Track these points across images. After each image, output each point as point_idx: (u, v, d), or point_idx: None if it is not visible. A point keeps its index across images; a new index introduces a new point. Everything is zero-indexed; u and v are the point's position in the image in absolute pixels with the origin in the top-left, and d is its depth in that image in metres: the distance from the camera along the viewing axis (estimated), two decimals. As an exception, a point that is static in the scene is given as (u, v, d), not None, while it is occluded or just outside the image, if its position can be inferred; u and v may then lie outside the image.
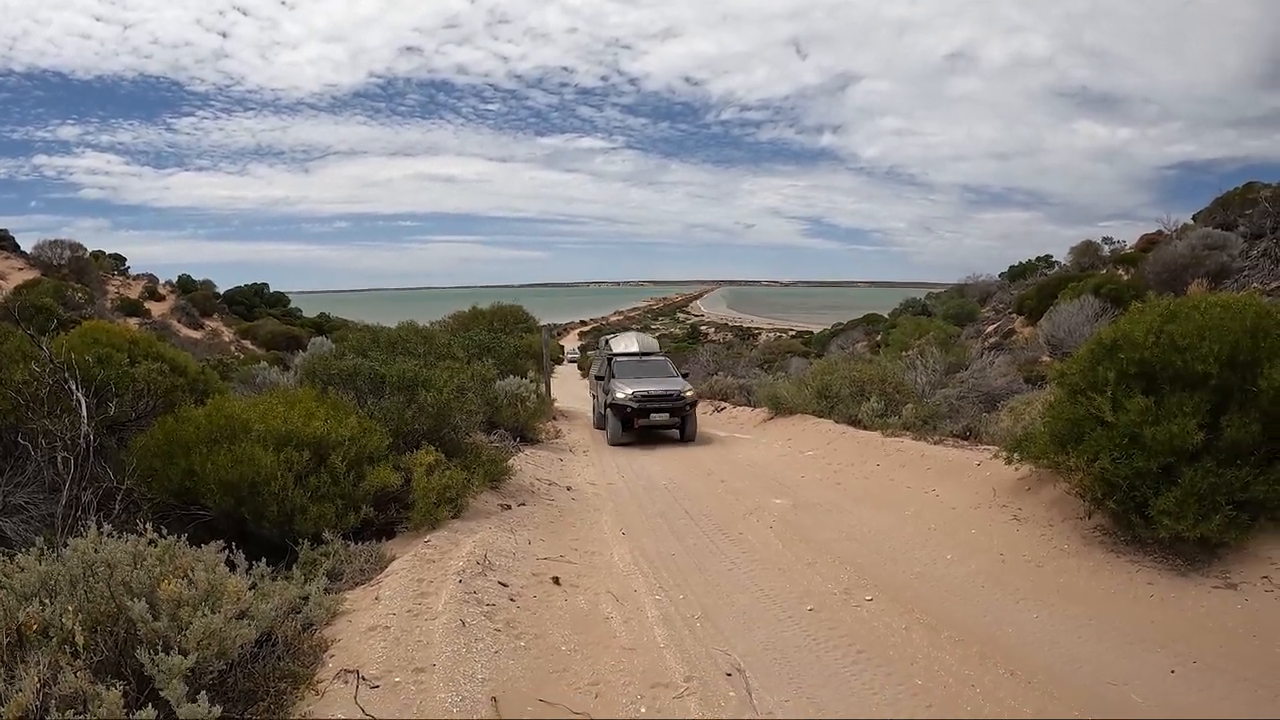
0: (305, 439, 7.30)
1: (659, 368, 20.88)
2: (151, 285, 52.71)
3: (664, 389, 18.62)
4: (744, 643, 5.65)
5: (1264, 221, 25.13)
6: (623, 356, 21.50)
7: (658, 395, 18.35)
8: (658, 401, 18.29)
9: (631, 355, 21.81)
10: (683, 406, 18.45)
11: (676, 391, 18.67)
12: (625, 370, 20.07)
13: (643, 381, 19.07)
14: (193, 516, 6.91)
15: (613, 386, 19.05)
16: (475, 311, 36.35)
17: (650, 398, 18.28)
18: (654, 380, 19.36)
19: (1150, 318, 7.18)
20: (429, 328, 21.62)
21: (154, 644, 3.77)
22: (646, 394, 18.29)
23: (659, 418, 18.29)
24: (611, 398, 18.76)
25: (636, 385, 18.68)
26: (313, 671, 4.50)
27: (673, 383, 19.42)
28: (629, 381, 19.03)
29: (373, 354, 12.29)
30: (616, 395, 18.51)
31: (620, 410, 18.38)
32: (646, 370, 20.28)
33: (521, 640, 5.46)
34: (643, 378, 19.45)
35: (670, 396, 18.42)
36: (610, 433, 18.67)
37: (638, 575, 7.28)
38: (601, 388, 20.60)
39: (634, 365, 20.60)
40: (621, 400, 18.36)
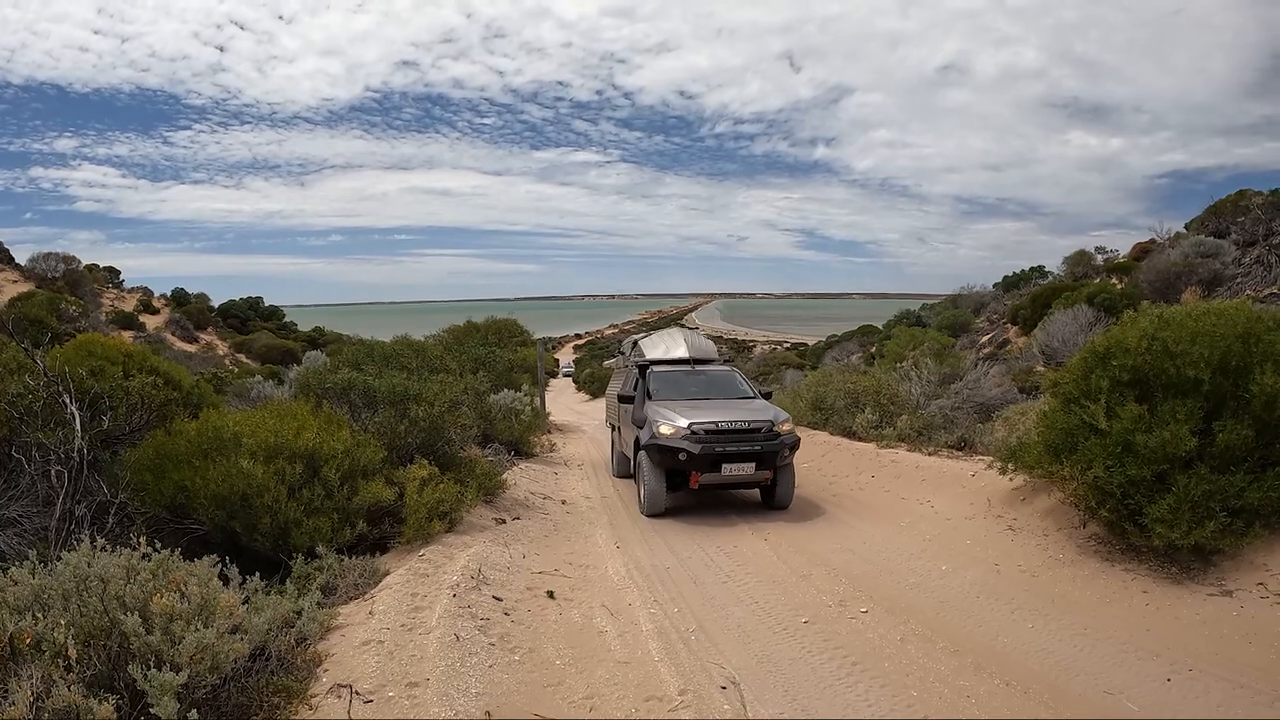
0: (297, 451, 7.29)
1: (724, 382, 13.03)
2: (146, 298, 52.50)
3: (741, 418, 10.90)
4: (739, 655, 5.64)
5: (1256, 229, 25.19)
6: (665, 366, 13.42)
7: (734, 429, 10.66)
8: (735, 440, 10.57)
9: (677, 364, 13.69)
10: (776, 449, 10.59)
11: (764, 423, 10.81)
12: (670, 387, 12.52)
13: (703, 406, 11.49)
14: (186, 531, 6.90)
15: (651, 414, 11.24)
16: (470, 325, 36.31)
17: (721, 434, 10.61)
18: (721, 405, 11.73)
19: (1143, 325, 7.20)
20: (423, 341, 21.28)
21: (147, 658, 3.77)
22: (714, 427, 10.62)
23: (738, 471, 10.55)
24: (650, 434, 10.91)
25: (695, 413, 10.96)
26: (306, 686, 4.49)
27: (753, 408, 11.53)
28: (680, 407, 11.35)
29: (366, 368, 12.29)
30: (660, 429, 10.76)
31: (665, 455, 10.62)
32: (704, 387, 12.72)
33: (516, 654, 5.45)
34: (701, 400, 11.99)
35: (755, 431, 10.68)
36: (646, 496, 10.94)
37: (632, 589, 7.26)
38: (629, 416, 12.77)
39: (683, 380, 12.86)
40: (669, 439, 10.63)
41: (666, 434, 10.69)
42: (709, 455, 10.42)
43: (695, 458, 10.42)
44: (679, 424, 10.71)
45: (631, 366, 14.51)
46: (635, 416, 12.11)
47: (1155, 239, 30.36)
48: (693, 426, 10.59)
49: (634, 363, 14.41)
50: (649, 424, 11.17)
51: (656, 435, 10.77)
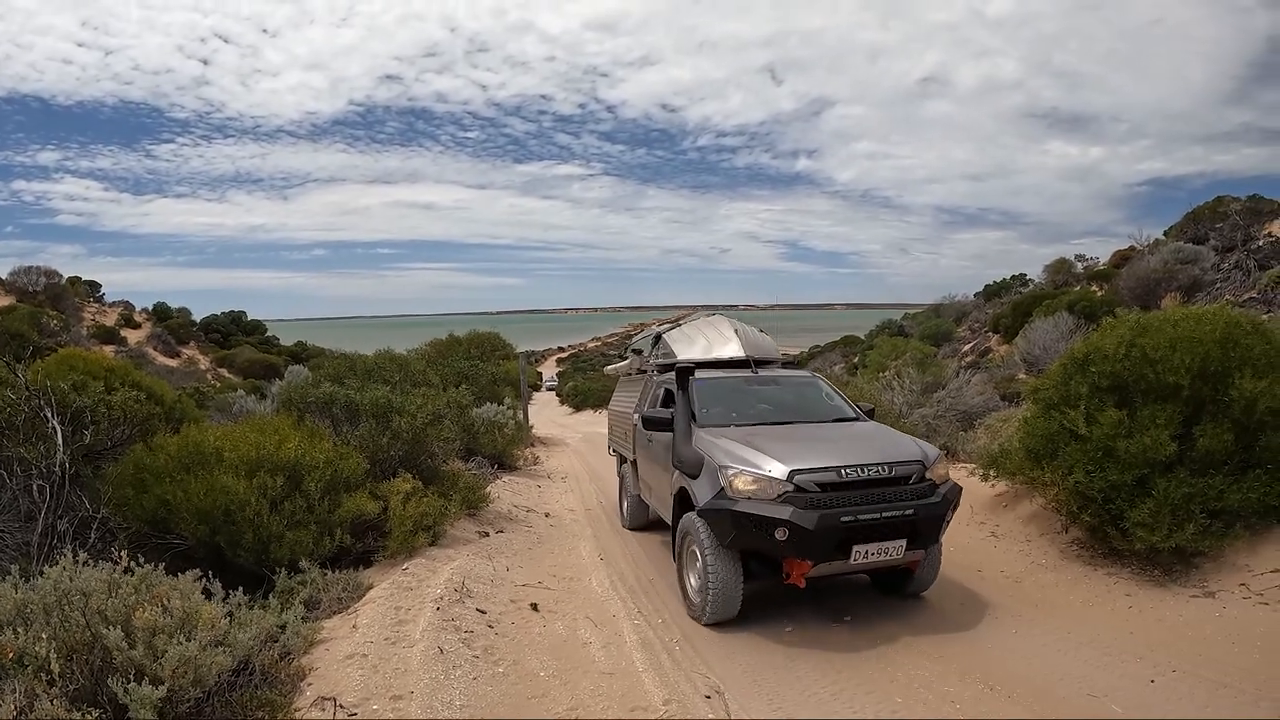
0: (278, 463, 7.27)
1: (806, 396, 8.64)
2: (128, 313, 52.32)
3: (873, 458, 6.38)
4: (723, 665, 5.66)
5: (1235, 235, 25.49)
6: (711, 372, 8.81)
7: (868, 479, 6.20)
8: (872, 499, 6.14)
9: (730, 367, 9.12)
10: (940, 513, 6.35)
11: (911, 466, 6.45)
12: (727, 404, 8.13)
13: (795, 438, 7.15)
14: (169, 546, 6.87)
15: (713, 454, 6.78)
16: (452, 339, 36.26)
17: (848, 489, 6.14)
18: (817, 434, 7.44)
19: (1122, 331, 7.27)
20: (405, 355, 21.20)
21: (129, 672, 3.76)
22: (836, 478, 6.14)
23: (878, 554, 6.15)
24: (714, 489, 6.49)
25: (790, 450, 6.54)
26: (290, 700, 4.48)
27: (876, 438, 7.21)
28: (760, 438, 6.98)
29: (348, 382, 12.26)
30: (736, 481, 6.30)
31: (748, 530, 6.13)
32: (779, 403, 8.37)
33: (500, 667, 5.45)
34: (780, 425, 7.69)
35: (901, 481, 6.32)
36: (710, 595, 6.44)
37: (616, 600, 7.26)
38: (657, 449, 8.54)
39: (745, 392, 8.50)
40: (755, 501, 6.14)
41: (748, 490, 6.09)
42: (833, 531, 5.83)
43: (809, 538, 5.80)
44: (770, 471, 6.09)
45: (652, 372, 9.96)
46: (679, 454, 7.21)
47: (1135, 246, 30.60)
48: (796, 476, 5.99)
49: (656, 365, 9.96)
50: (709, 469, 6.55)
51: (730, 493, 6.14)
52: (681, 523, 7.07)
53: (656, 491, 8.85)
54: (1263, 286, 19.45)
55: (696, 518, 6.63)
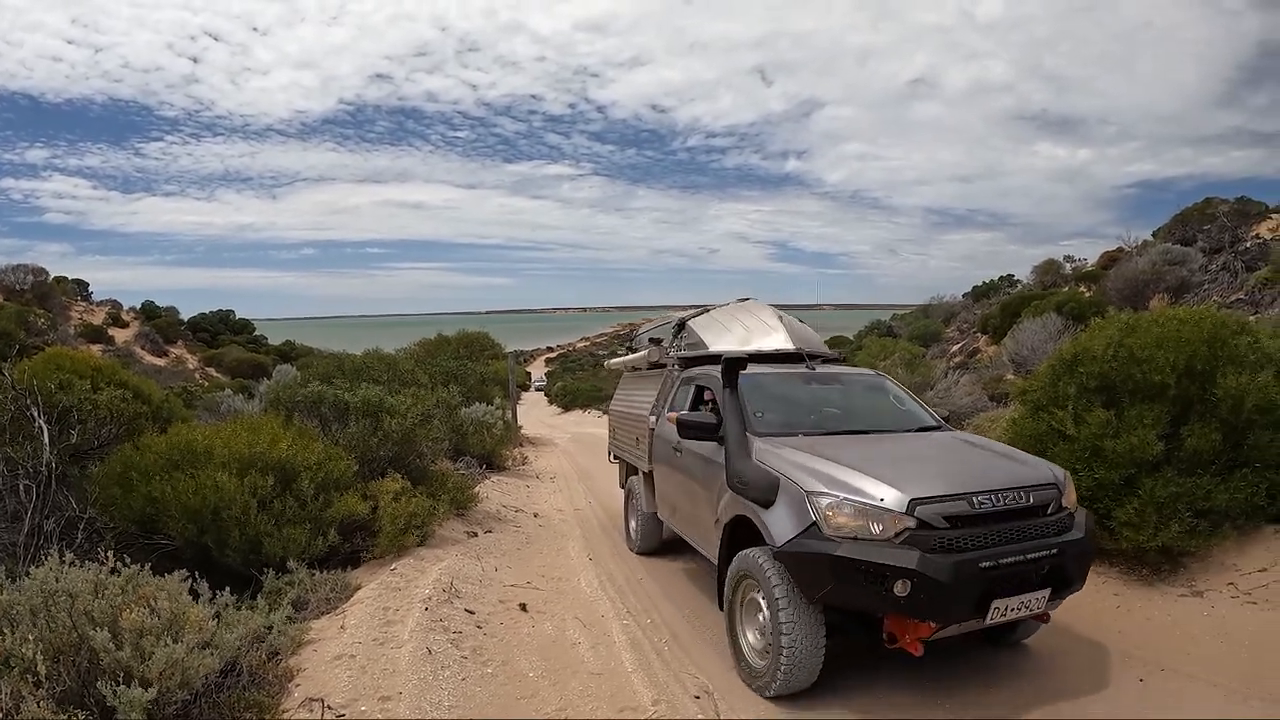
0: (270, 462, 7.25)
1: (874, 399, 7.29)
2: (115, 311, 52.15)
3: (1002, 481, 4.95)
4: (712, 665, 5.66)
5: (1223, 236, 25.61)
6: (761, 369, 7.21)
7: (1004, 508, 4.76)
8: (1011, 534, 4.73)
9: (774, 362, 7.70)
10: (1084, 550, 4.99)
11: (1045, 489, 5.03)
12: (782, 407, 6.75)
13: (897, 457, 5.51)
14: (156, 546, 6.85)
15: (778, 465, 5.30)
16: (441, 338, 36.26)
17: (985, 521, 4.71)
18: (927, 454, 5.73)
19: (1110, 332, 7.31)
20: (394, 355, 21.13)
21: (116, 674, 3.75)
22: (968, 508, 4.67)
23: (1019, 607, 4.68)
24: (799, 522, 4.84)
25: (891, 468, 5.00)
26: (278, 701, 4.47)
27: (979, 451, 5.86)
28: (845, 451, 5.43)
29: (337, 381, 12.23)
30: (834, 512, 4.70)
31: (852, 581, 4.55)
32: (845, 408, 7.03)
33: (488, 667, 5.44)
34: (853, 436, 6.24)
35: (1037, 510, 4.91)
36: (783, 664, 4.87)
37: (605, 600, 7.25)
38: (673, 462, 7.54)
39: (802, 393, 7.11)
40: (866, 540, 4.60)
41: (853, 526, 4.65)
42: (972, 583, 4.51)
43: (942, 592, 4.44)
44: (883, 501, 4.65)
45: (673, 366, 8.49)
46: (738, 472, 5.52)
47: (1123, 247, 30.69)
48: (919, 508, 4.62)
49: (678, 357, 8.48)
50: (790, 496, 5.00)
51: (828, 529, 4.70)
52: (738, 563, 5.35)
53: (687, 514, 7.19)
54: (1250, 288, 19.55)
55: (767, 560, 4.98)
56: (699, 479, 6.73)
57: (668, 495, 7.95)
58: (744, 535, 5.56)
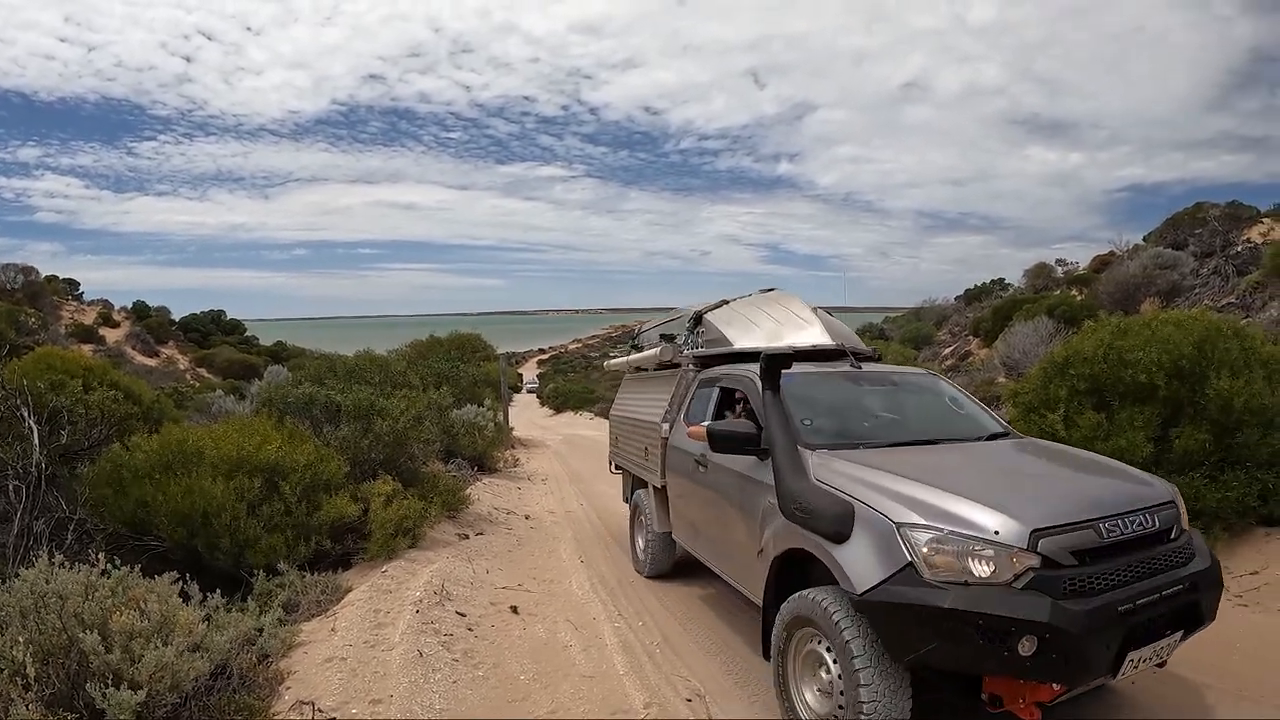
0: (257, 465, 7.23)
1: (935, 402, 6.24)
2: (106, 311, 52.05)
3: (1122, 504, 4.07)
4: (704, 668, 5.65)
5: (1214, 240, 25.71)
6: (804, 369, 6.09)
7: (1131, 535, 3.93)
8: (1142, 569, 3.90)
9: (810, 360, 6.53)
10: (1217, 580, 4.32)
11: (1163, 509, 4.23)
12: (834, 415, 5.73)
13: (990, 473, 4.67)
14: (146, 547, 6.84)
15: (847, 486, 4.31)
16: (433, 340, 36.21)
17: (1116, 553, 3.86)
18: (1019, 468, 5.00)
19: (1100, 335, 7.35)
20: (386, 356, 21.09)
21: (106, 676, 3.74)
22: (1096, 537, 3.80)
23: (1153, 656, 3.93)
24: (900, 549, 3.80)
25: (999, 491, 4.06)
26: (268, 704, 4.46)
27: (1100, 470, 4.83)
28: (928, 470, 4.45)
29: (329, 382, 12.20)
30: (922, 540, 3.76)
31: (971, 634, 3.53)
32: (906, 415, 5.98)
33: (480, 670, 5.43)
34: (936, 448, 5.23)
35: (1161, 536, 4.14)
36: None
37: (596, 603, 7.25)
38: (696, 478, 6.51)
39: (852, 396, 6.09)
40: (973, 581, 3.64)
41: (960, 567, 3.71)
42: (1111, 632, 3.67)
43: (1078, 648, 3.55)
44: (998, 533, 3.72)
45: (688, 366, 7.66)
46: (794, 494, 4.54)
47: (1115, 251, 30.74)
48: (1041, 538, 3.72)
49: (694, 356, 7.69)
50: (871, 527, 4.04)
51: (928, 572, 3.75)
52: (795, 606, 4.39)
53: (714, 540, 6.21)
54: (1241, 291, 19.61)
55: (839, 608, 4.02)
56: (733, 500, 5.64)
57: (687, 515, 6.92)
58: (799, 570, 4.63)
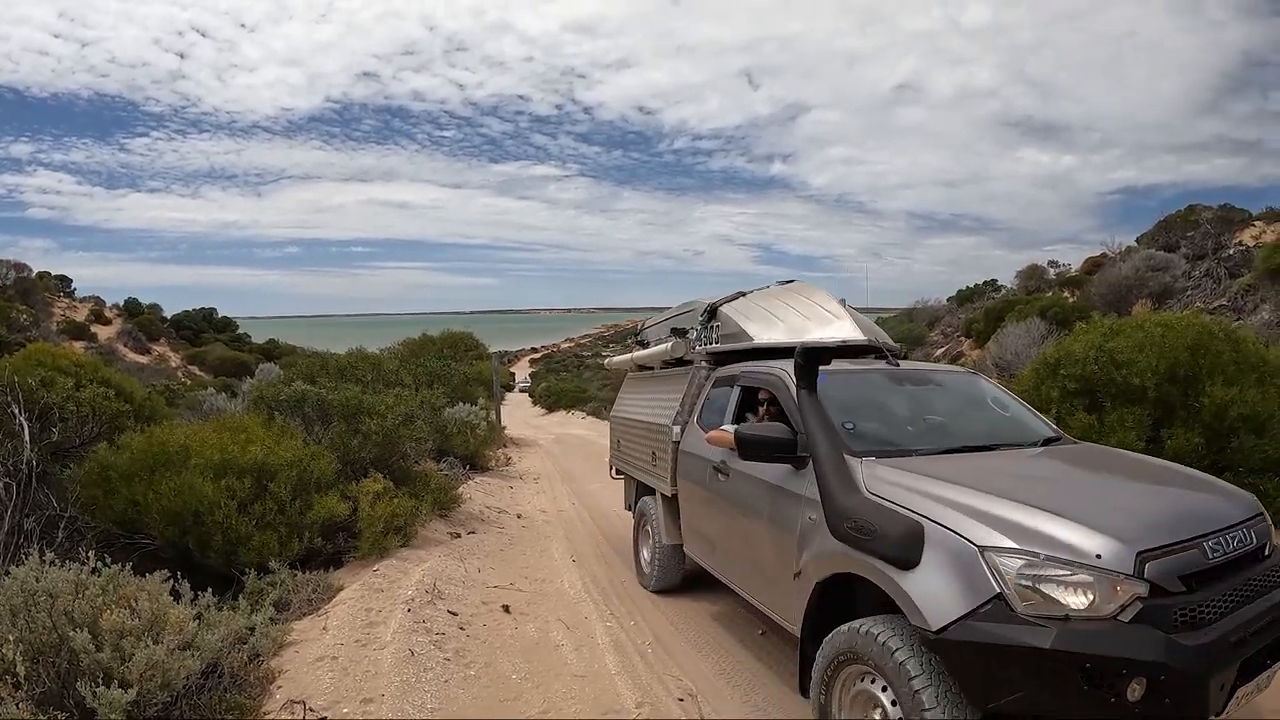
0: (244, 465, 7.21)
1: (980, 404, 5.62)
2: (98, 308, 51.91)
3: (1219, 518, 3.61)
4: (696, 667, 5.64)
5: (1206, 243, 25.80)
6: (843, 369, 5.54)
7: (1234, 558, 3.47)
8: (1246, 594, 3.42)
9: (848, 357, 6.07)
10: None
11: (1258, 523, 3.82)
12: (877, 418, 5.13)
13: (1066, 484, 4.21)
14: (137, 546, 6.82)
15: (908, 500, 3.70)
16: (425, 338, 36.13)
17: (1222, 585, 3.35)
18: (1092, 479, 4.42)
19: (1092, 336, 7.37)
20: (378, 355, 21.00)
21: (96, 675, 3.73)
22: (1200, 557, 3.35)
23: (1255, 692, 3.41)
24: (986, 576, 3.21)
25: (1089, 504, 3.56)
26: (259, 703, 4.45)
27: (1180, 479, 4.37)
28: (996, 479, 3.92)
29: (320, 381, 12.18)
30: (1012, 567, 3.18)
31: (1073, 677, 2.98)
32: (954, 418, 5.37)
33: (471, 669, 5.43)
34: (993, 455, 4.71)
35: (1259, 555, 3.68)
36: None
37: (588, 602, 7.24)
38: (716, 488, 5.89)
39: (891, 397, 5.47)
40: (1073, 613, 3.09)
41: (1056, 599, 3.15)
42: (1225, 667, 3.17)
43: (1195, 687, 3.06)
44: (1100, 556, 3.17)
45: (700, 364, 7.12)
46: (845, 509, 3.91)
47: (1107, 253, 30.80)
48: (1147, 562, 3.19)
49: (709, 352, 7.14)
50: (946, 550, 3.40)
51: (1021, 604, 3.15)
52: (843, 640, 3.79)
53: (736, 557, 5.60)
54: (1233, 294, 19.69)
55: (902, 644, 3.46)
56: (761, 514, 5.01)
57: (702, 527, 6.34)
58: (843, 596, 4.07)
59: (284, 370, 17.46)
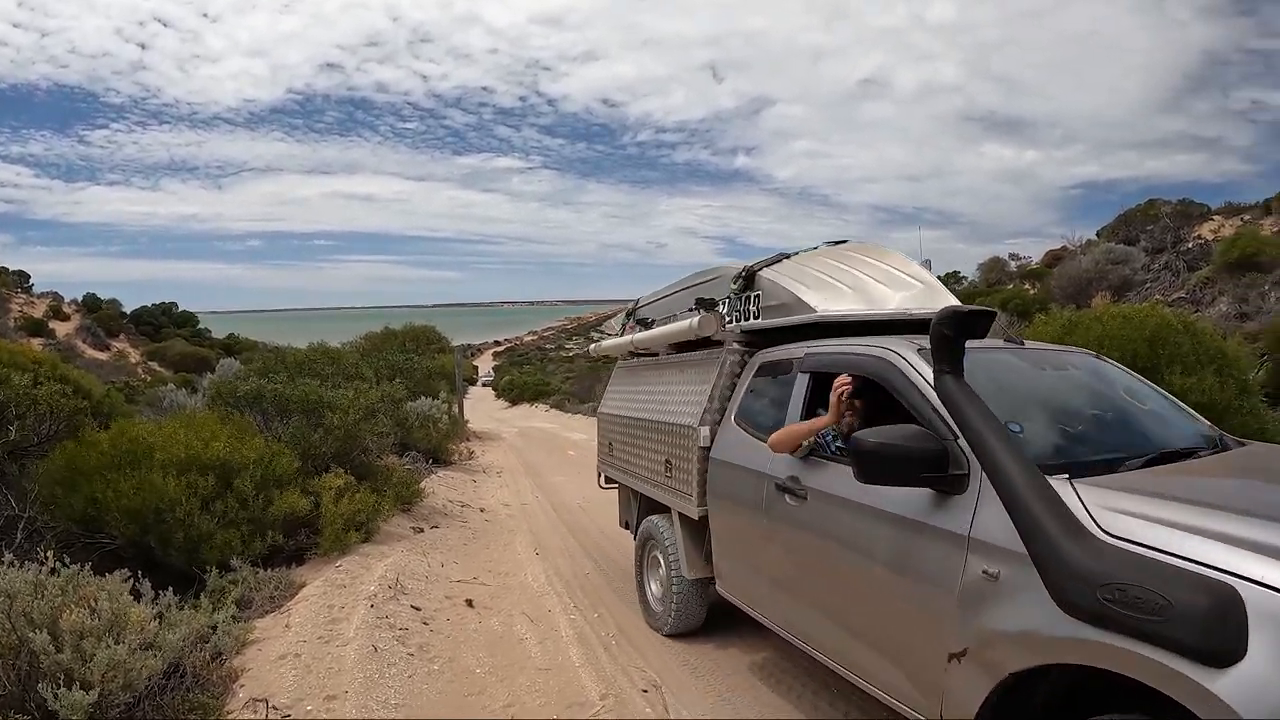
0: (208, 462, 7.16)
1: (1110, 389, 4.20)
2: (56, 304, 51.34)
3: None
4: (660, 658, 5.68)
5: (1165, 237, 26.25)
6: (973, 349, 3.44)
7: None
8: None
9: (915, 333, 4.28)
10: None
11: None
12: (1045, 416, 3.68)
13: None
14: (98, 545, 6.74)
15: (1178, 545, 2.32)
16: (387, 332, 35.88)
17: None
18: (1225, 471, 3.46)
19: (1052, 328, 7.45)
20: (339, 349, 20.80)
21: (57, 677, 3.71)
22: None
23: None
24: None
25: None
26: (222, 702, 4.43)
27: None
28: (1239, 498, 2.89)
29: (279, 376, 12.07)
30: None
31: None
32: (1108, 413, 3.94)
33: (435, 664, 5.43)
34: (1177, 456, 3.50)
35: None
36: None
37: (552, 595, 7.26)
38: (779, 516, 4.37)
39: (1040, 388, 4.04)
40: None
41: None
42: None
43: None
44: None
45: (730, 346, 5.60)
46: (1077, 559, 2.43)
47: (1067, 246, 31.15)
48: None
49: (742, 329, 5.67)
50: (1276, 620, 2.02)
51: None
52: None
53: (826, 610, 4.03)
54: (1191, 286, 20.01)
55: None
56: (877, 558, 3.51)
57: (754, 563, 4.82)
58: (1031, 687, 2.73)
59: (243, 366, 17.29)
